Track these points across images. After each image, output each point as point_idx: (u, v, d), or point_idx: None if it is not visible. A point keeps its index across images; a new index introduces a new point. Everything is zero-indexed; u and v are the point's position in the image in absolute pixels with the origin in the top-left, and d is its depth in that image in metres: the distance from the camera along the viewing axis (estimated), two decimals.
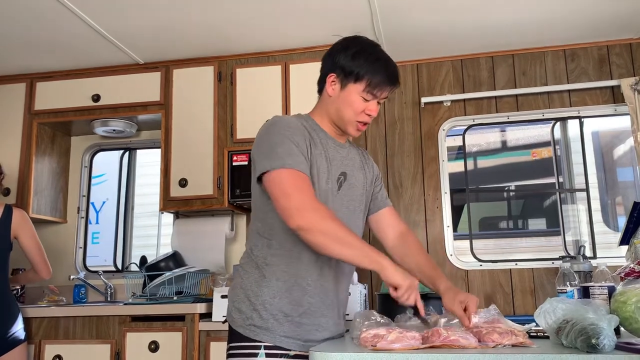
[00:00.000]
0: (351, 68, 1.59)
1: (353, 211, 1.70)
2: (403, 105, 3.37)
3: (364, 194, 1.76)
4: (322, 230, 1.43)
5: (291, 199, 1.45)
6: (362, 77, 1.58)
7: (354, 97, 1.60)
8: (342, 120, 1.64)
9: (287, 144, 1.52)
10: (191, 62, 3.25)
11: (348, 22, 2.85)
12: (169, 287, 2.91)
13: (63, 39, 2.98)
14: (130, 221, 3.83)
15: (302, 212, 1.44)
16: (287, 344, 1.54)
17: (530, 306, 3.02)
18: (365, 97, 1.60)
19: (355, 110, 1.61)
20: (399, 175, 3.30)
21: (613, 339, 1.12)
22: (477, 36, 3.09)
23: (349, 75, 1.60)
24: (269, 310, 1.55)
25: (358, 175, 1.73)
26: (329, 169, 1.61)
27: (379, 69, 1.60)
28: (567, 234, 3.29)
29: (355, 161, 1.75)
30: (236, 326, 1.58)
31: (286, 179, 1.48)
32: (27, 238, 2.79)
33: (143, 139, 3.69)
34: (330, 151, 1.65)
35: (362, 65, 1.59)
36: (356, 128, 1.65)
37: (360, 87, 1.59)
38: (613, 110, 3.16)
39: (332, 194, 1.61)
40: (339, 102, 1.62)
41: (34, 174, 3.31)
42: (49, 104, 3.34)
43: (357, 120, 1.63)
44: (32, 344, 2.76)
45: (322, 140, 1.65)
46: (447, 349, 1.22)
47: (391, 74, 1.62)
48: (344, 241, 1.44)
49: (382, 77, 1.59)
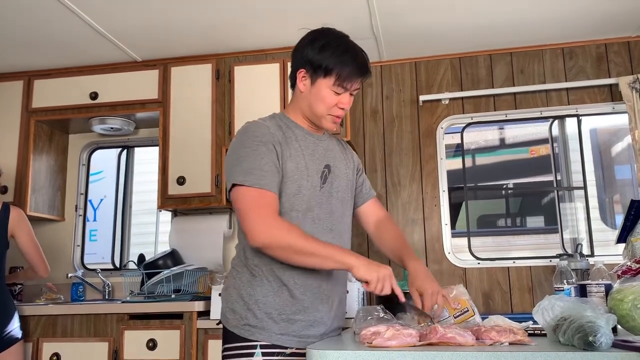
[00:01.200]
0: (319, 62, 1.57)
1: (343, 201, 1.70)
2: (401, 103, 3.37)
3: (349, 184, 1.76)
4: (280, 246, 1.46)
5: (249, 219, 1.48)
6: (330, 70, 1.56)
7: (324, 92, 1.58)
8: (315, 115, 1.63)
9: (251, 158, 1.52)
10: (189, 60, 3.25)
11: (346, 19, 2.85)
12: (167, 285, 2.91)
13: (61, 36, 2.98)
14: (128, 219, 3.83)
15: (259, 232, 1.46)
16: (283, 341, 1.55)
17: (528, 304, 3.02)
18: (336, 91, 1.58)
19: (328, 105, 1.60)
20: (397, 173, 3.30)
21: (610, 337, 1.12)
22: (475, 34, 3.09)
23: (318, 69, 1.58)
24: (262, 309, 1.55)
25: (341, 166, 1.73)
26: (308, 166, 1.60)
27: (348, 61, 1.57)
28: (564, 231, 3.30)
29: (336, 151, 1.75)
30: (231, 327, 1.58)
31: (246, 197, 1.50)
32: (24, 236, 2.80)
33: (141, 136, 3.68)
34: (309, 146, 1.64)
35: (329, 59, 1.56)
36: (331, 122, 1.63)
37: (330, 82, 1.57)
38: (611, 109, 3.16)
39: (315, 189, 1.61)
40: (310, 97, 1.61)
41: (32, 172, 3.30)
42: (47, 102, 3.33)
43: (330, 114, 1.61)
44: (29, 342, 2.75)
45: (299, 137, 1.64)
46: (444, 347, 1.22)
47: (360, 65, 1.59)
48: (304, 251, 1.46)
49: (351, 68, 1.57)
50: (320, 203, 1.61)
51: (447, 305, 1.61)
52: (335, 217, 1.66)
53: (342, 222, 1.70)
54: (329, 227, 1.64)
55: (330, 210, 1.64)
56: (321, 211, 1.62)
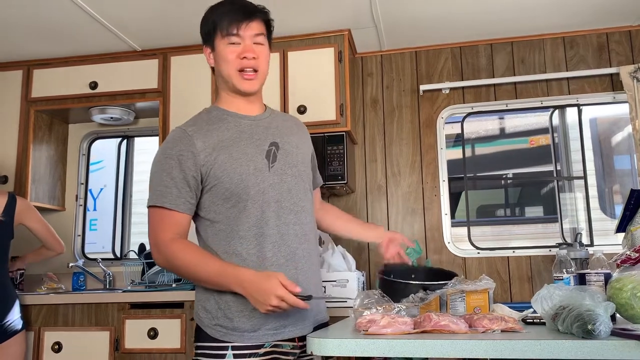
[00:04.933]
0: (206, 29, 1.62)
1: (299, 176, 1.64)
2: (401, 92, 3.37)
3: (305, 157, 1.70)
4: (176, 270, 1.54)
5: (150, 241, 1.55)
6: (215, 27, 1.59)
7: (221, 49, 1.58)
8: (229, 80, 1.60)
9: (158, 176, 1.55)
10: (189, 49, 3.23)
11: (347, 8, 2.84)
12: (167, 274, 2.93)
13: (60, 26, 2.96)
14: (128, 209, 3.83)
15: (155, 255, 1.54)
16: (257, 338, 1.51)
17: (527, 293, 3.03)
18: (229, 42, 1.57)
19: (229, 60, 1.58)
20: (397, 163, 3.30)
21: (609, 325, 1.13)
22: (475, 23, 3.08)
23: (208, 35, 1.61)
24: (232, 307, 1.51)
25: (292, 140, 1.67)
26: (246, 150, 1.55)
27: (225, 11, 1.59)
28: (564, 221, 3.30)
29: (284, 127, 1.69)
30: (203, 326, 1.56)
31: (150, 218, 1.55)
32: (34, 221, 2.90)
33: (141, 126, 3.67)
34: (245, 130, 1.60)
35: (210, 20, 1.61)
36: (242, 79, 1.59)
37: (219, 37, 1.58)
38: (612, 98, 3.15)
39: (262, 172, 1.55)
40: (218, 66, 1.62)
41: (32, 162, 3.30)
42: (46, 92, 3.33)
43: (238, 69, 1.58)
44: (31, 331, 2.77)
45: (231, 125, 1.59)
46: (437, 334, 1.24)
47: (240, 8, 1.60)
48: (195, 279, 1.52)
49: (230, 14, 1.58)
50: (273, 184, 1.56)
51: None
52: (294, 195, 1.60)
53: (304, 198, 1.64)
54: (289, 207, 1.58)
55: (287, 188, 1.59)
56: (275, 192, 1.56)
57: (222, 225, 1.55)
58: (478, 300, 1.56)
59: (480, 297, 1.57)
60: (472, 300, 1.57)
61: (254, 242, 1.53)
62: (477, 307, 1.56)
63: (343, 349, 1.20)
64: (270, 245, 1.54)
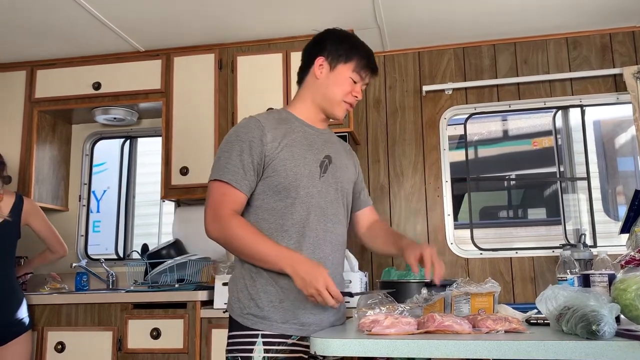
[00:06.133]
0: (340, 50, 1.69)
1: (341, 192, 1.73)
2: (404, 93, 3.37)
3: (351, 177, 1.81)
4: (226, 243, 1.57)
5: (207, 214, 1.59)
6: (351, 57, 1.68)
7: (344, 76, 1.68)
8: (330, 101, 1.69)
9: (228, 155, 1.60)
10: (192, 49, 3.24)
11: (350, 9, 2.84)
12: (170, 274, 2.92)
13: (64, 26, 2.97)
14: (131, 209, 3.84)
15: (210, 229, 1.58)
16: (285, 329, 1.57)
17: (531, 294, 3.03)
18: (353, 78, 1.68)
19: (344, 90, 1.68)
20: (400, 164, 3.30)
21: (613, 326, 1.13)
22: (478, 24, 3.07)
23: (339, 56, 1.68)
24: (263, 298, 1.58)
25: (342, 159, 1.78)
26: (305, 155, 1.64)
27: (365, 53, 1.71)
28: (567, 222, 3.29)
29: (338, 146, 1.81)
30: (235, 315, 1.62)
31: (212, 193, 1.61)
32: (39, 222, 2.91)
33: (144, 127, 3.68)
34: (307, 137, 1.69)
35: (350, 49, 1.69)
36: (344, 109, 1.72)
37: (351, 67, 1.68)
38: (615, 99, 3.15)
39: (314, 177, 1.64)
40: (328, 83, 1.69)
41: (35, 163, 3.31)
42: (50, 92, 3.33)
43: (345, 100, 1.69)
44: (34, 331, 2.77)
45: (297, 129, 1.68)
46: (441, 334, 1.25)
47: (374, 60, 1.73)
48: (244, 253, 1.56)
49: (368, 60, 1.70)
50: (320, 191, 1.65)
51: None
52: (335, 206, 1.69)
53: (341, 211, 1.73)
54: (330, 216, 1.67)
55: (330, 199, 1.68)
56: (321, 199, 1.65)
57: (267, 214, 1.62)
58: (483, 303, 1.56)
59: (485, 300, 1.56)
60: (477, 302, 1.57)
61: (295, 238, 1.60)
62: (482, 309, 1.56)
63: (346, 349, 1.20)
64: (308, 246, 1.61)
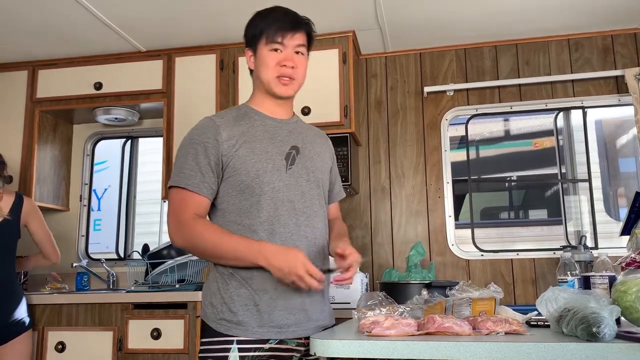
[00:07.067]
0: (253, 32, 1.67)
1: (314, 182, 1.67)
2: (406, 94, 3.36)
3: (324, 165, 1.74)
4: (194, 249, 1.56)
5: (169, 222, 1.57)
6: (261, 33, 1.64)
7: (264, 55, 1.64)
8: (267, 84, 1.65)
9: (183, 159, 1.58)
10: (194, 50, 3.24)
11: (351, 9, 2.84)
12: (171, 275, 2.93)
13: (65, 26, 2.98)
14: (132, 209, 3.84)
15: (175, 236, 1.56)
16: (262, 334, 1.51)
17: (531, 296, 3.03)
18: (273, 48, 1.63)
19: (270, 66, 1.63)
20: (401, 165, 3.30)
21: (614, 328, 1.12)
22: (480, 25, 3.07)
23: (254, 38, 1.66)
24: (237, 301, 1.53)
25: (316, 148, 1.72)
26: (267, 149, 1.60)
27: (274, 19, 1.66)
28: (568, 224, 3.29)
29: (307, 135, 1.74)
30: (209, 321, 1.56)
31: (171, 199, 1.59)
32: (36, 225, 2.87)
33: (145, 127, 3.68)
34: (269, 130, 1.64)
35: (258, 24, 1.66)
36: (281, 84, 1.64)
37: (263, 43, 1.64)
38: (617, 101, 3.14)
39: (279, 171, 1.59)
40: (257, 69, 1.66)
41: (36, 162, 3.31)
42: (51, 92, 3.34)
43: (276, 75, 1.63)
44: (35, 331, 2.77)
45: (257, 123, 1.64)
46: (441, 336, 1.24)
47: (288, 19, 1.67)
48: (216, 255, 1.54)
49: (278, 23, 1.64)
50: (288, 185, 1.59)
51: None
52: (307, 198, 1.63)
53: (317, 203, 1.66)
54: (302, 209, 1.61)
55: (301, 192, 1.62)
56: (290, 193, 1.59)
57: (233, 216, 1.58)
58: (484, 306, 1.56)
59: (487, 303, 1.56)
60: (479, 306, 1.56)
61: (265, 237, 1.55)
62: (482, 311, 1.56)
63: (346, 350, 1.20)
64: (279, 243, 1.55)
